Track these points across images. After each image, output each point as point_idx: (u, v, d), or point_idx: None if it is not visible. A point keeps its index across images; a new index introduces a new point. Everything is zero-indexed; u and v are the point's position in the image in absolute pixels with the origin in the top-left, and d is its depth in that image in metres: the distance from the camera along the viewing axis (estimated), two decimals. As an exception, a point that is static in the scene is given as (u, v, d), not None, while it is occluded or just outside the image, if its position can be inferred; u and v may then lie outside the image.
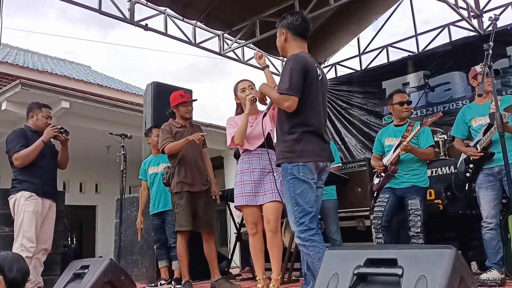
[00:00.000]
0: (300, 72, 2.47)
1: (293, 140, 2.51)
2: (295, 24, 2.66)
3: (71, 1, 5.58)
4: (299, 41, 2.67)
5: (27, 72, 10.22)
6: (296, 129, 2.52)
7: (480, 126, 3.38)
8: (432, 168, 4.59)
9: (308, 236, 2.44)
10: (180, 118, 3.97)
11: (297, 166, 2.48)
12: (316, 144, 2.53)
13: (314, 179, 2.52)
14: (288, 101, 2.44)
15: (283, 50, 2.73)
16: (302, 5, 6.40)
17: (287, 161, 2.51)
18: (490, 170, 3.30)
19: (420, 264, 1.56)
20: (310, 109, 2.53)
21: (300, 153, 2.49)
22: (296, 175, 2.47)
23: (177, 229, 3.76)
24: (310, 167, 2.49)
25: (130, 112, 8.06)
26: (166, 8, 6.57)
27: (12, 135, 3.75)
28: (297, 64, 2.49)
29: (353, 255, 1.74)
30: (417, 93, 7.19)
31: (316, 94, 2.57)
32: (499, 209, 3.30)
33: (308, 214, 2.46)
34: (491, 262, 3.23)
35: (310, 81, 2.52)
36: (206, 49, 7.30)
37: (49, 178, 3.83)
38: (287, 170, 2.51)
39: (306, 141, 2.50)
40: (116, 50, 73.22)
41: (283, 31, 2.69)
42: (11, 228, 3.68)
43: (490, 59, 2.69)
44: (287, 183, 2.52)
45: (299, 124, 2.52)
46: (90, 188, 11.39)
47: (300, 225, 2.46)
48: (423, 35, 7.72)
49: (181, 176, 3.78)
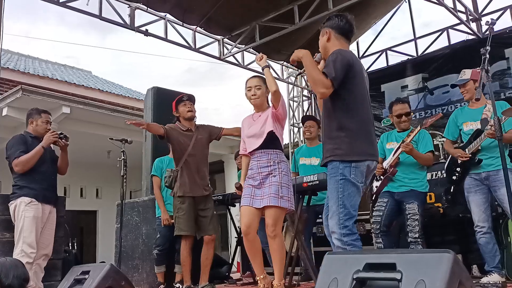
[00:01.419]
0: (344, 66, 2.39)
1: (344, 137, 2.41)
2: (339, 25, 2.61)
3: (72, 7, 5.61)
4: (342, 40, 2.60)
5: (28, 77, 10.26)
6: (346, 126, 2.43)
7: (471, 131, 3.40)
8: (432, 172, 4.60)
9: (351, 241, 2.38)
10: (184, 120, 3.98)
11: (349, 168, 2.40)
12: (369, 143, 2.47)
13: (362, 182, 2.46)
14: (328, 88, 2.36)
15: (325, 50, 2.62)
16: (302, 10, 6.44)
17: (338, 159, 2.42)
18: (477, 175, 3.32)
19: (419, 268, 1.56)
20: (359, 103, 2.46)
21: (352, 151, 2.40)
22: (346, 176, 2.39)
23: (177, 233, 3.79)
24: (362, 170, 2.42)
25: (131, 117, 8.06)
26: (166, 13, 6.60)
27: (12, 141, 3.77)
28: (341, 57, 2.41)
29: (353, 260, 1.75)
30: (416, 96, 7.23)
31: (363, 89, 2.51)
32: (490, 213, 3.31)
33: (352, 218, 2.40)
34: (490, 266, 3.23)
35: (355, 75, 2.45)
36: (206, 54, 7.32)
37: (49, 184, 3.84)
38: (337, 169, 2.41)
39: (357, 139, 2.42)
40: (116, 55, 73.43)
41: (327, 31, 2.61)
42: (12, 234, 3.68)
43: (487, 63, 2.70)
44: (335, 182, 2.42)
45: (350, 120, 2.43)
46: (91, 193, 11.41)
47: (343, 228, 2.39)
48: (422, 38, 7.75)
49: (183, 180, 3.80)
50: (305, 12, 6.37)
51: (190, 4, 6.49)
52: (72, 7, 5.62)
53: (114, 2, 6.07)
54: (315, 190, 3.78)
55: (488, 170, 3.23)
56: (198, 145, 3.93)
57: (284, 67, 8.72)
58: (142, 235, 4.71)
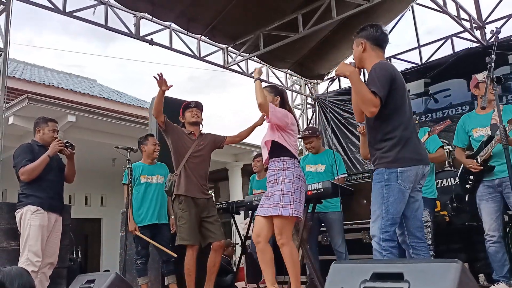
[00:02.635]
0: (387, 80, 2.44)
1: (391, 146, 2.47)
2: (374, 35, 2.63)
3: (78, 17, 5.67)
4: (378, 51, 2.64)
5: (33, 86, 10.33)
6: (391, 135, 2.48)
7: (481, 137, 3.37)
8: (438, 180, 4.58)
9: (388, 247, 2.42)
10: (189, 126, 4.00)
11: (395, 173, 2.44)
12: (413, 149, 2.49)
13: (409, 188, 2.48)
14: (377, 107, 2.41)
15: (360, 61, 2.67)
16: (306, 18, 6.47)
17: (384, 166, 2.48)
18: (490, 182, 3.28)
19: (426, 278, 1.56)
20: (402, 114, 2.50)
21: (398, 158, 2.45)
22: (392, 182, 2.44)
23: (179, 243, 3.73)
24: (409, 175, 2.45)
25: (136, 125, 8.12)
26: (171, 23, 6.65)
27: (19, 150, 3.79)
28: (384, 72, 2.46)
29: (359, 269, 1.74)
30: (418, 100, 7.29)
31: (405, 99, 2.54)
32: (501, 221, 3.27)
33: (394, 225, 2.45)
34: (498, 275, 3.20)
35: (399, 87, 2.50)
36: (211, 62, 7.36)
37: (55, 192, 3.85)
38: (383, 175, 2.47)
39: (402, 146, 2.46)
40: (120, 63, 73.86)
41: (362, 42, 2.63)
42: (18, 243, 3.69)
43: (492, 71, 2.70)
44: (380, 187, 2.47)
45: (394, 130, 2.48)
46: (96, 201, 11.42)
47: (384, 233, 2.43)
48: (426, 46, 7.77)
49: (181, 182, 3.79)
50: (309, 21, 6.40)
51: (195, 13, 6.54)
52: (78, 16, 5.68)
53: (120, 11, 6.13)
54: (320, 198, 3.77)
55: (502, 176, 3.17)
56: (199, 151, 3.93)
57: (288, 75, 8.75)
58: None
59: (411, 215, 2.57)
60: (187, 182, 3.79)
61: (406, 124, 2.50)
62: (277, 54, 7.48)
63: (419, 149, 2.54)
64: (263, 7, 6.57)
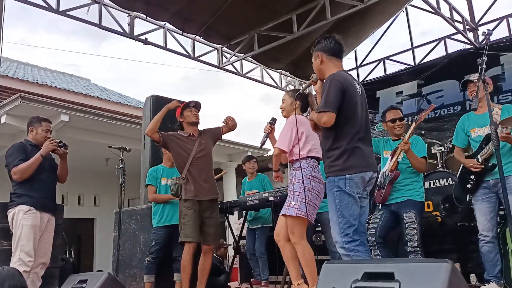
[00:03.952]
0: (337, 90, 2.59)
1: (338, 155, 2.63)
2: (329, 47, 2.80)
3: (71, 16, 5.65)
4: (335, 61, 2.80)
5: (26, 85, 10.27)
6: (338, 144, 2.63)
7: (479, 137, 3.37)
8: (430, 180, 4.61)
9: (353, 247, 2.55)
10: (188, 126, 3.99)
11: (344, 180, 2.60)
12: (360, 157, 2.63)
13: (359, 193, 2.63)
14: (324, 117, 2.56)
15: (320, 72, 2.83)
16: (300, 19, 6.49)
17: (333, 175, 2.64)
18: (486, 183, 3.29)
19: (417, 278, 1.57)
20: (351, 124, 2.64)
21: (345, 166, 2.61)
22: (342, 188, 2.60)
23: (182, 240, 3.74)
24: (356, 182, 2.60)
25: (130, 125, 8.10)
26: (166, 22, 6.64)
27: (11, 149, 3.77)
28: (334, 83, 2.62)
29: (351, 269, 1.76)
30: (411, 101, 7.34)
31: (356, 109, 2.68)
32: (495, 222, 3.28)
33: (352, 226, 2.58)
34: (490, 275, 3.22)
35: (349, 99, 2.63)
36: (205, 62, 7.36)
37: (48, 192, 3.83)
38: (333, 183, 2.63)
39: (348, 155, 2.61)
40: (114, 63, 73.59)
41: (318, 54, 2.81)
42: (10, 242, 3.67)
43: (484, 73, 2.72)
44: (332, 195, 2.64)
45: (342, 139, 2.63)
46: (89, 201, 11.37)
47: (345, 236, 2.57)
48: (419, 48, 7.82)
49: (189, 186, 3.80)
50: (303, 22, 6.42)
51: (190, 13, 6.53)
52: (71, 15, 5.65)
53: (114, 11, 6.11)
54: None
55: (497, 177, 3.14)
56: (201, 150, 3.93)
57: (282, 75, 8.77)
58: (140, 243, 4.69)
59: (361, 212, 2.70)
60: (195, 187, 3.81)
61: (354, 134, 2.64)
62: (271, 55, 7.49)
63: (366, 157, 2.68)
64: (257, 8, 6.58)
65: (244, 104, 17.73)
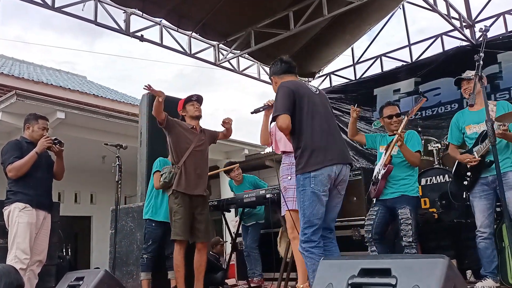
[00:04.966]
0: (284, 94, 2.73)
1: (300, 154, 2.71)
2: (277, 69, 3.04)
3: (66, 13, 5.62)
4: (286, 77, 2.97)
5: (22, 82, 10.23)
6: (300, 144, 2.72)
7: (475, 134, 3.37)
8: (427, 177, 4.62)
9: (308, 247, 2.58)
10: (190, 119, 3.97)
11: (308, 178, 2.64)
12: (322, 155, 2.68)
13: (325, 191, 2.65)
14: (278, 121, 2.67)
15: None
16: (297, 16, 6.48)
17: (298, 173, 2.71)
18: (484, 179, 3.29)
19: (413, 273, 1.57)
20: (309, 123, 2.72)
21: (308, 164, 2.66)
22: (306, 187, 2.64)
23: (173, 238, 3.73)
24: (321, 179, 2.63)
25: (126, 123, 8.07)
26: (162, 19, 6.61)
27: (7, 147, 3.75)
28: (281, 89, 2.78)
29: (347, 265, 1.76)
30: (408, 99, 7.33)
31: (314, 106, 2.77)
32: (493, 218, 3.29)
33: (312, 226, 2.60)
34: (486, 271, 3.23)
35: (301, 97, 2.75)
36: (202, 59, 7.34)
37: (44, 190, 3.81)
38: (299, 181, 2.70)
39: (311, 153, 2.67)
40: (109, 60, 73.30)
41: (271, 78, 3.07)
42: (6, 240, 3.65)
43: (480, 70, 2.72)
44: (298, 193, 2.71)
45: (302, 139, 2.71)
46: (85, 199, 11.35)
47: (303, 235, 2.62)
48: (416, 44, 7.82)
49: (182, 177, 3.76)
50: (300, 18, 6.41)
51: (186, 10, 6.51)
52: (67, 12, 5.63)
53: (110, 7, 6.08)
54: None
55: (494, 174, 3.09)
56: (201, 145, 3.92)
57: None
58: (136, 241, 4.68)
59: (330, 209, 2.77)
60: (186, 179, 3.77)
61: (316, 131, 2.72)
62: (268, 52, 7.47)
63: (330, 153, 2.71)
64: (254, 4, 6.56)
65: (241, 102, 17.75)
